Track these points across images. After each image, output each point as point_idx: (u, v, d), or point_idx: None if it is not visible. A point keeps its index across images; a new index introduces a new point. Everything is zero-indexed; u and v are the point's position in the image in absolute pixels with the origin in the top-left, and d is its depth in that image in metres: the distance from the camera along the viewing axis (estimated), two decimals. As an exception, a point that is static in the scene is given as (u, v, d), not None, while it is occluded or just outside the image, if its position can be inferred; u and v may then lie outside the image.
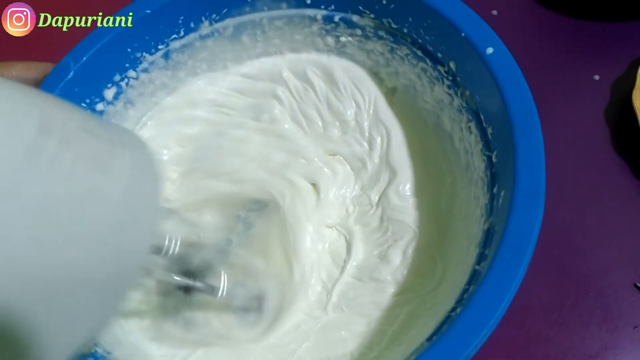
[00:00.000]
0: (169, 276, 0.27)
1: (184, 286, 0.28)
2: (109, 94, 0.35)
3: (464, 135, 0.32)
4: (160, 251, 0.26)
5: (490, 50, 0.28)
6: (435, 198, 0.33)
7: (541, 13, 0.44)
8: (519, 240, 0.24)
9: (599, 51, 0.42)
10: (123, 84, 0.35)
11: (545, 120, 0.27)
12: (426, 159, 0.35)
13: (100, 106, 0.34)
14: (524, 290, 0.23)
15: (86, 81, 0.33)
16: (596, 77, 0.40)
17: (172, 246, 0.26)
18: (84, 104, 0.33)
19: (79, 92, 0.33)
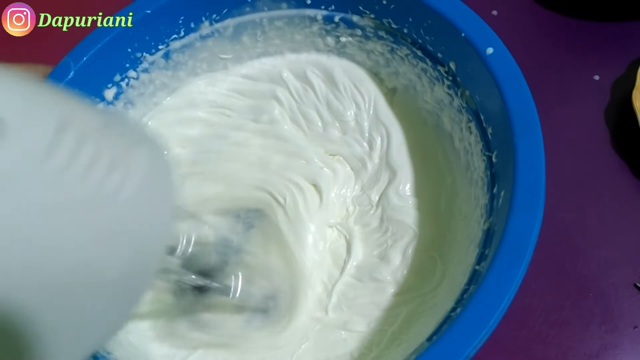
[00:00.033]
0: (183, 276, 0.27)
1: (197, 286, 0.28)
2: (109, 94, 0.35)
3: (464, 135, 0.32)
4: (174, 251, 0.25)
5: (490, 50, 0.28)
6: (435, 198, 0.33)
7: (541, 13, 0.44)
8: (519, 240, 0.24)
9: (599, 51, 0.42)
10: (123, 84, 0.35)
11: (545, 120, 0.27)
12: (426, 159, 0.35)
13: (101, 106, 0.34)
14: (524, 290, 0.23)
15: (86, 81, 0.33)
16: (596, 77, 0.40)
17: (185, 246, 0.26)
18: (84, 104, 0.33)
19: (79, 92, 0.32)
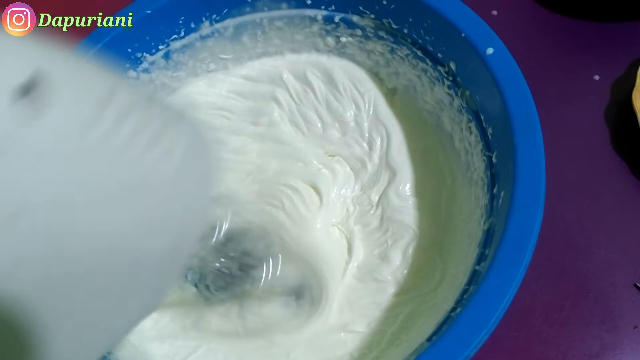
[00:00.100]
0: (214, 262, 0.27)
1: (228, 274, 0.28)
2: (110, 94, 0.35)
3: (464, 135, 0.32)
4: (208, 236, 0.25)
5: (490, 50, 0.29)
6: (435, 198, 0.33)
7: (541, 13, 0.44)
8: (519, 240, 0.24)
9: (599, 51, 0.42)
10: (123, 84, 0.35)
11: (545, 120, 0.27)
12: (426, 159, 0.35)
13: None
14: (524, 290, 0.23)
15: (86, 81, 0.33)
16: (596, 77, 0.40)
17: (218, 231, 0.25)
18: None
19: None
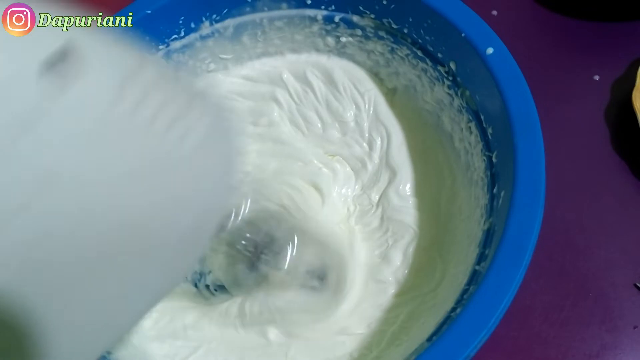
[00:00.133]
0: (235, 245, 0.26)
1: (248, 257, 0.27)
2: (110, 94, 0.35)
3: (464, 135, 0.32)
4: (227, 220, 0.25)
5: (490, 50, 0.29)
6: (435, 198, 0.33)
7: (541, 13, 0.44)
8: (519, 240, 0.24)
9: (599, 51, 0.42)
10: (123, 84, 0.35)
11: (545, 120, 0.27)
12: (426, 159, 0.35)
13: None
14: (524, 290, 0.23)
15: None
16: (596, 77, 0.40)
17: (238, 215, 0.25)
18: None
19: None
